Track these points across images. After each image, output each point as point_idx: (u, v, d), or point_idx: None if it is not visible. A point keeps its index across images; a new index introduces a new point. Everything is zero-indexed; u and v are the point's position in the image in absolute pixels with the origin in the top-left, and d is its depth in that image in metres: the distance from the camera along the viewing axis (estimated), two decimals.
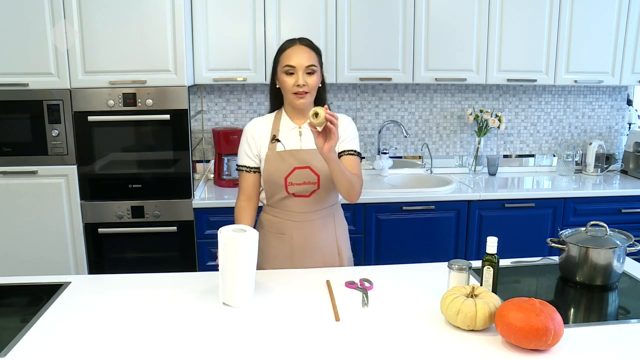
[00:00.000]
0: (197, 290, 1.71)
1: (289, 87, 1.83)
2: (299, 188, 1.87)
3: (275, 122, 1.93)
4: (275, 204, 1.93)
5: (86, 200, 2.78)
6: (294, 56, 1.82)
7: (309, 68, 1.82)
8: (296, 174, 1.86)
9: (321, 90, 1.92)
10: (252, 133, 1.92)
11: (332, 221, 1.96)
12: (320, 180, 1.87)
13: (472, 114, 3.43)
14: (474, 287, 1.49)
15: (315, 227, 1.92)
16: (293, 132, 1.91)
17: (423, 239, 2.99)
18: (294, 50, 1.83)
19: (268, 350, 1.36)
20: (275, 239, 1.94)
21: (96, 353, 1.34)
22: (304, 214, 1.90)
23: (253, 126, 1.94)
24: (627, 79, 3.26)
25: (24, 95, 2.65)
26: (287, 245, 1.93)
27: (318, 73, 1.86)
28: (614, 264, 1.73)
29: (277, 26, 2.93)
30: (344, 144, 1.92)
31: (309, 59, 1.82)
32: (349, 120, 1.96)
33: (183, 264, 2.86)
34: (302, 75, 1.81)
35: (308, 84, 1.82)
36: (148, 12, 2.62)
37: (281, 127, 1.91)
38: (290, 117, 1.92)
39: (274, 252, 1.94)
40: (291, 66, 1.81)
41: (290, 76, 1.82)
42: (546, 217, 3.06)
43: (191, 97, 2.89)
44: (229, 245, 1.57)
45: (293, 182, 1.87)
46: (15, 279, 1.83)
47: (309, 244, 1.92)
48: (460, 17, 3.05)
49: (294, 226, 1.91)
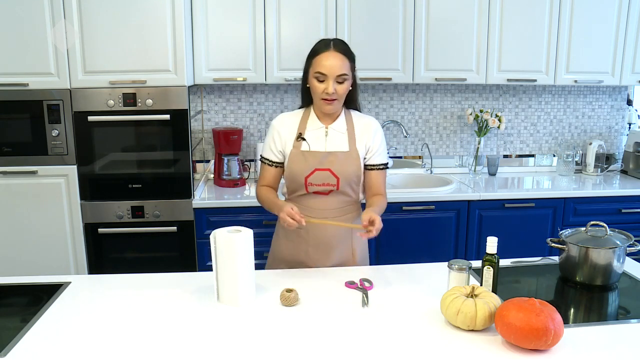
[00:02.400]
0: (197, 290, 1.72)
1: (319, 92, 1.82)
2: (317, 188, 1.89)
3: (303, 119, 1.93)
4: (295, 199, 1.95)
5: (86, 200, 2.78)
6: (327, 63, 1.79)
7: (340, 77, 1.80)
8: (316, 175, 1.88)
9: (352, 92, 1.91)
10: (278, 129, 1.93)
11: (349, 220, 1.96)
12: (340, 182, 1.89)
13: (472, 114, 3.43)
14: (474, 287, 1.49)
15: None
16: (319, 131, 1.91)
17: (423, 239, 2.99)
18: (327, 56, 1.80)
19: (268, 350, 1.36)
20: (293, 233, 1.96)
21: (96, 353, 1.34)
22: (321, 210, 1.92)
23: (280, 121, 1.95)
24: (627, 79, 3.26)
25: (24, 95, 2.65)
26: (303, 239, 1.95)
27: (349, 80, 1.84)
28: (614, 264, 1.73)
29: (277, 26, 2.93)
30: (374, 157, 1.95)
31: (341, 68, 1.80)
32: (376, 127, 1.97)
33: (183, 264, 2.86)
34: (333, 84, 1.80)
35: (337, 92, 1.81)
36: (148, 12, 2.62)
37: (308, 125, 1.92)
38: (319, 117, 1.92)
39: (292, 245, 1.97)
40: (322, 74, 1.79)
41: (321, 83, 1.81)
42: (546, 217, 3.06)
43: (191, 97, 2.89)
44: (224, 246, 1.57)
45: (313, 182, 1.88)
46: (15, 279, 1.83)
47: (324, 240, 1.94)
48: (460, 17, 3.05)
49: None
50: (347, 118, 1.94)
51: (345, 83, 1.83)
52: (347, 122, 1.94)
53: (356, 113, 1.98)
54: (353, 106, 1.97)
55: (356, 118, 1.96)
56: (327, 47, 1.82)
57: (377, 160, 1.96)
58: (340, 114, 1.93)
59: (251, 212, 2.80)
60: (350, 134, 1.92)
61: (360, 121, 1.96)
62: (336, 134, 1.92)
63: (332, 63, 1.79)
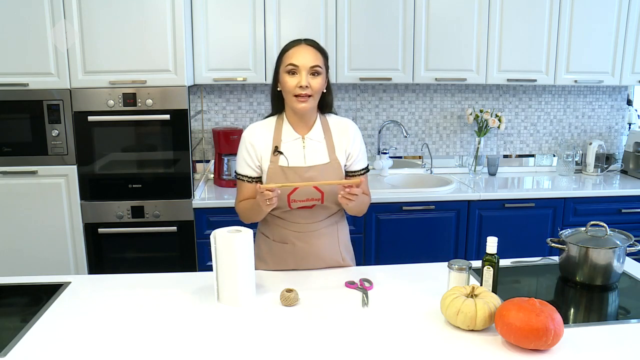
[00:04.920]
0: (197, 290, 1.72)
1: (291, 88, 1.71)
2: (301, 204, 1.81)
3: (277, 129, 1.82)
4: (278, 214, 1.87)
5: (86, 200, 2.78)
6: (298, 55, 1.71)
7: (314, 69, 1.71)
8: (299, 191, 1.77)
9: (326, 95, 1.81)
10: (251, 142, 1.81)
11: (335, 230, 1.91)
12: (324, 196, 1.79)
13: (472, 114, 3.43)
14: (474, 287, 1.49)
15: (317, 236, 1.87)
16: (296, 143, 1.81)
17: (423, 239, 2.99)
18: (298, 49, 1.73)
19: (268, 350, 1.36)
20: (278, 248, 1.89)
21: (96, 353, 1.34)
22: (306, 224, 1.86)
23: (252, 133, 1.83)
24: (627, 79, 3.26)
25: (24, 95, 2.65)
26: (289, 254, 1.88)
27: (323, 76, 1.75)
28: (614, 264, 1.73)
29: (277, 26, 2.93)
30: (355, 164, 1.87)
31: (314, 59, 1.71)
32: (354, 131, 1.87)
33: (183, 264, 2.86)
34: (306, 76, 1.70)
35: (312, 86, 1.71)
36: (148, 12, 2.62)
37: (283, 136, 1.81)
38: (293, 126, 1.82)
39: (277, 260, 1.90)
40: (294, 65, 1.70)
41: (293, 76, 1.71)
42: (546, 217, 3.06)
43: (191, 97, 2.89)
44: (224, 246, 1.57)
45: (296, 199, 1.78)
46: (15, 279, 1.83)
47: (311, 252, 1.88)
48: (460, 17, 3.05)
49: (296, 236, 1.86)
50: (323, 124, 1.85)
51: (319, 78, 1.73)
52: (324, 129, 1.84)
53: (332, 116, 1.88)
54: (328, 110, 1.88)
55: (332, 122, 1.86)
56: (298, 42, 1.75)
57: (359, 166, 1.88)
58: (315, 120, 1.84)
59: None
60: (328, 142, 1.83)
61: (337, 126, 1.86)
62: (314, 144, 1.82)
63: (305, 54, 1.71)
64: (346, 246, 1.98)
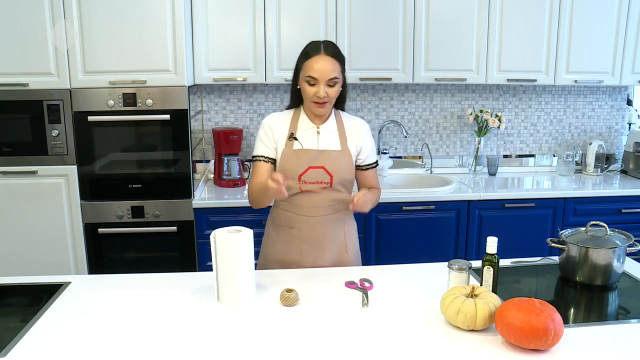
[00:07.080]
0: (197, 290, 1.72)
1: (310, 95, 1.85)
2: (311, 186, 1.90)
3: (294, 120, 1.95)
4: (287, 198, 1.92)
5: (86, 200, 2.78)
6: (317, 67, 1.81)
7: (331, 81, 1.83)
8: (310, 173, 1.89)
9: (342, 93, 1.94)
10: (270, 125, 1.94)
11: (342, 222, 1.99)
12: (333, 180, 1.91)
13: (472, 114, 3.43)
14: (474, 287, 1.49)
15: (324, 222, 1.95)
16: (311, 131, 1.93)
17: (423, 239, 2.99)
18: (317, 60, 1.82)
19: (268, 350, 1.36)
20: (285, 232, 1.97)
21: (96, 353, 1.34)
22: (314, 208, 1.93)
23: (271, 119, 1.96)
24: (627, 79, 3.26)
25: (24, 95, 2.65)
26: (296, 238, 1.96)
27: (339, 83, 1.87)
28: (614, 264, 1.73)
29: (277, 26, 2.93)
30: (367, 158, 2.01)
31: (332, 71, 1.82)
32: (365, 128, 2.01)
33: (183, 264, 2.86)
34: (324, 88, 1.82)
35: (329, 95, 1.84)
36: (148, 12, 2.62)
37: (299, 125, 1.94)
38: (309, 117, 1.95)
39: (284, 244, 1.98)
40: (313, 77, 1.82)
41: (312, 87, 1.84)
42: (546, 217, 3.06)
43: (191, 97, 2.89)
44: (224, 246, 1.57)
45: (306, 180, 1.89)
46: (15, 279, 1.83)
47: (317, 238, 1.95)
48: (460, 17, 3.05)
49: (303, 220, 1.94)
50: (337, 118, 1.98)
51: (336, 86, 1.86)
52: (338, 122, 1.98)
53: (344, 114, 2.02)
54: (342, 107, 2.01)
55: (345, 119, 2.00)
56: (318, 50, 1.83)
57: (370, 160, 2.02)
58: (330, 114, 1.97)
59: (251, 212, 2.80)
60: (341, 134, 1.96)
61: (349, 122, 2.00)
62: (327, 133, 1.94)
63: (323, 67, 1.81)
64: (351, 237, 2.04)
